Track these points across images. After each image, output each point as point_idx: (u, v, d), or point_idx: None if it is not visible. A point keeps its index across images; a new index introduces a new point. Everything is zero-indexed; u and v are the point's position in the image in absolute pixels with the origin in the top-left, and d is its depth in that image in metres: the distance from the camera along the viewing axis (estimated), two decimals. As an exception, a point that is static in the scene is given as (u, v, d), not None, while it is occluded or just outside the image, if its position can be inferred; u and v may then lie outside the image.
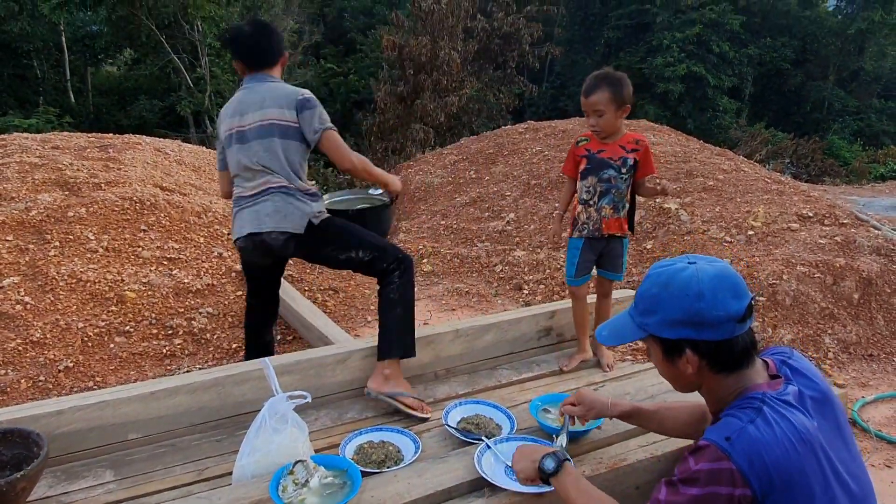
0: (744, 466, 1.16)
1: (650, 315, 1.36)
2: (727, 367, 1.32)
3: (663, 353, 1.38)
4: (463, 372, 2.69)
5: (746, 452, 1.16)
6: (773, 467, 1.15)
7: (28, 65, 22.56)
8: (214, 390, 2.23)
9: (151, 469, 2.03)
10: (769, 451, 1.16)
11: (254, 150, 2.50)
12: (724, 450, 1.18)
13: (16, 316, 3.38)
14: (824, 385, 1.33)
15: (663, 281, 1.34)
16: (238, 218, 2.56)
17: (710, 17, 25.43)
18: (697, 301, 1.28)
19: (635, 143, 2.62)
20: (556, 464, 1.54)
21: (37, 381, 3.05)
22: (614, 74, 2.54)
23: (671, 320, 1.32)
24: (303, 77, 23.24)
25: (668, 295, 1.32)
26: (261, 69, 2.59)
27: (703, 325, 1.28)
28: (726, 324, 1.28)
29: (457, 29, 14.54)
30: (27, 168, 4.77)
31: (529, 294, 4.65)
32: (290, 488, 1.66)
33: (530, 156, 7.29)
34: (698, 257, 1.37)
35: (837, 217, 4.96)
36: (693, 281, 1.29)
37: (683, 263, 1.35)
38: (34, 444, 1.86)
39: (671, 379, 1.43)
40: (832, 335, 3.79)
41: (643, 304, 1.38)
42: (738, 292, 1.29)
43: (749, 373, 1.32)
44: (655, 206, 5.45)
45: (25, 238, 3.97)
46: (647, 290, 1.38)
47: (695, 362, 1.32)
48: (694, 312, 1.28)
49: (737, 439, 1.18)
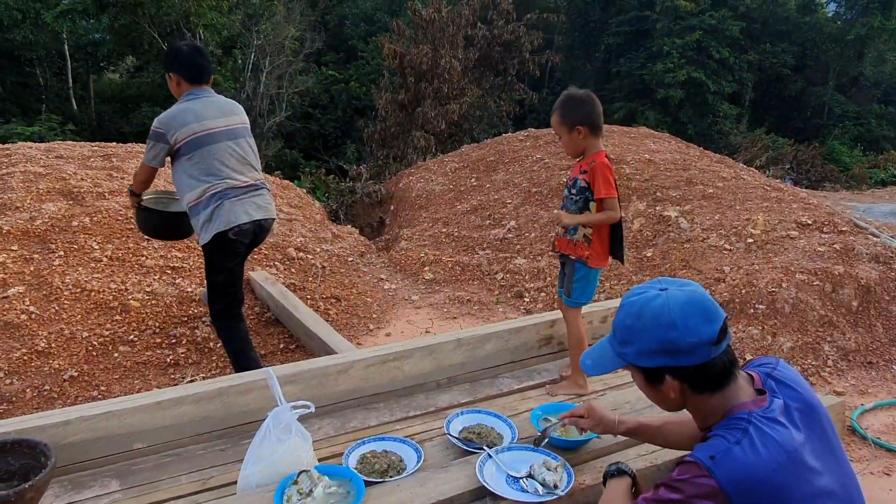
0: (726, 485, 1.19)
1: (627, 345, 1.40)
2: (709, 387, 1.35)
3: (644, 380, 1.42)
4: (464, 381, 2.71)
5: (730, 473, 1.20)
6: (756, 488, 1.19)
7: (31, 73, 22.65)
8: (219, 400, 2.26)
9: (157, 478, 2.05)
10: (753, 473, 1.19)
11: (243, 147, 3.00)
12: (707, 468, 1.22)
13: (21, 325, 3.41)
14: (810, 395, 1.36)
15: (635, 311, 1.37)
16: (237, 206, 2.91)
17: (709, 24, 25.52)
18: (670, 330, 1.31)
19: (590, 164, 2.52)
20: (616, 470, 1.65)
21: (42, 391, 3.08)
22: (569, 96, 2.54)
23: (647, 350, 1.35)
24: (304, 84, 23.32)
25: (642, 326, 1.35)
26: (206, 83, 3.07)
27: (678, 352, 1.31)
28: (701, 348, 1.30)
29: (457, 37, 14.60)
30: (31, 177, 4.81)
31: (531, 302, 4.67)
32: (295, 498, 1.68)
33: (531, 163, 7.33)
34: (669, 282, 1.39)
35: (836, 225, 4.98)
36: (664, 310, 1.32)
37: (655, 291, 1.37)
38: (41, 455, 1.89)
39: (656, 402, 1.46)
40: (831, 343, 3.81)
41: (619, 335, 1.42)
42: (709, 316, 1.31)
43: (732, 390, 1.35)
44: (655, 214, 5.48)
45: (30, 248, 4.00)
46: (622, 320, 1.41)
47: (675, 387, 1.36)
48: (667, 342, 1.31)
49: (721, 459, 1.22)
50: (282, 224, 5.69)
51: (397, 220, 7.34)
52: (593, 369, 1.51)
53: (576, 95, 2.55)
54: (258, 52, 21.41)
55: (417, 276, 5.27)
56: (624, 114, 25.11)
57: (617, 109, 25.77)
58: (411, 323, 4.40)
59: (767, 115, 28.32)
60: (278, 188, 6.68)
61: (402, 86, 14.47)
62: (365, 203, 8.48)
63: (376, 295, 4.77)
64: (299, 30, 23.46)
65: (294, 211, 6.36)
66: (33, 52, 20.92)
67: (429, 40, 14.21)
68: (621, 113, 25.20)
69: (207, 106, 2.97)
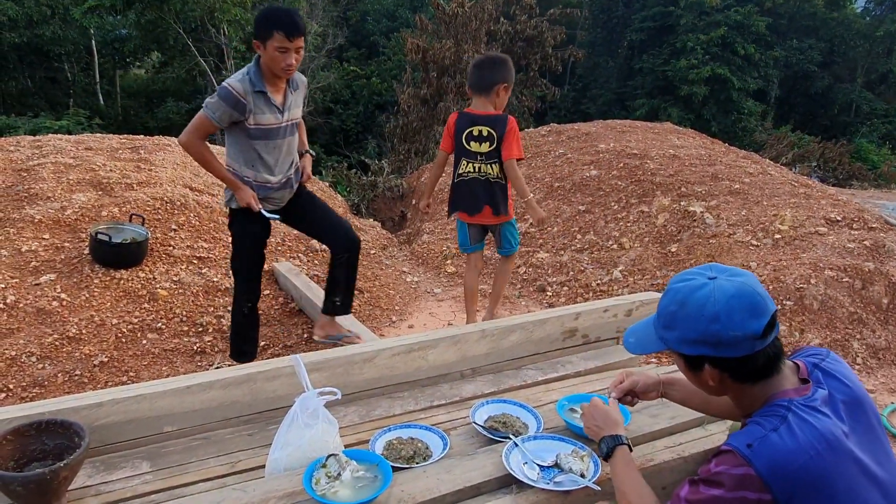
0: (764, 473, 1.17)
1: (669, 331, 1.37)
2: (751, 378, 1.32)
3: (685, 365, 1.40)
4: (488, 372, 2.71)
5: (767, 460, 1.17)
6: (795, 475, 1.16)
7: (59, 68, 23.07)
8: (247, 386, 2.28)
9: (186, 461, 2.08)
10: (791, 460, 1.17)
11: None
12: (745, 456, 1.19)
13: (52, 312, 3.48)
14: (857, 388, 1.32)
15: (680, 299, 1.34)
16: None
17: (735, 19, 25.15)
18: (713, 323, 1.27)
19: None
20: (607, 448, 1.61)
21: (73, 376, 3.14)
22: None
23: (688, 339, 1.33)
24: (325, 80, 23.44)
25: (685, 315, 1.32)
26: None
27: (720, 344, 1.28)
28: (744, 342, 1.27)
29: (480, 32, 14.57)
30: (62, 168, 4.89)
31: (553, 296, 4.66)
32: (323, 481, 1.70)
33: (553, 158, 7.29)
34: (721, 270, 1.35)
35: (866, 221, 4.89)
36: (709, 302, 1.28)
37: (703, 279, 1.33)
38: (76, 435, 1.92)
39: (696, 386, 1.44)
40: (860, 340, 3.75)
41: (663, 320, 1.40)
42: (756, 311, 1.26)
43: (776, 380, 1.32)
44: (680, 210, 5.43)
45: (61, 236, 4.08)
46: (666, 306, 1.38)
47: (715, 376, 1.33)
48: (710, 334, 1.28)
49: (758, 446, 1.19)
50: (305, 216, 5.72)
51: (419, 214, 7.35)
52: (636, 348, 1.50)
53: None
54: (281, 47, 21.49)
55: (440, 270, 5.28)
56: (646, 111, 24.83)
57: (639, 106, 25.51)
58: (434, 315, 4.41)
59: (793, 113, 27.88)
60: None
61: (425, 80, 14.49)
62: (386, 197, 8.51)
63: (399, 287, 4.79)
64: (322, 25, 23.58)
65: (317, 204, 6.40)
66: (61, 47, 21.30)
67: (451, 35, 14.21)
68: (644, 110, 24.92)
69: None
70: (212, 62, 22.29)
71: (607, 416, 1.69)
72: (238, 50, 21.98)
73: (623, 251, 5.12)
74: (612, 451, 1.60)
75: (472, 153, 3.39)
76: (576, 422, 2.07)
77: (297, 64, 2.74)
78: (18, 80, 22.04)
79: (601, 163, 6.60)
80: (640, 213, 5.59)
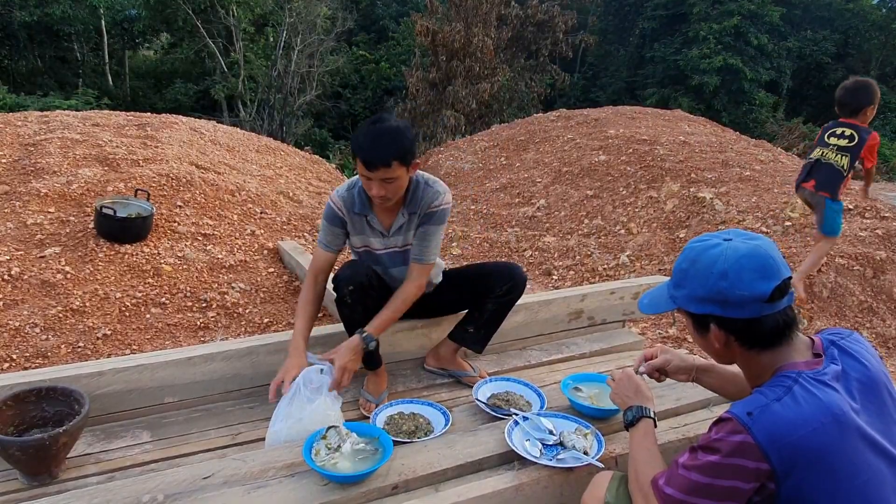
0: (762, 442, 1.15)
1: (679, 289, 1.37)
2: (758, 343, 1.30)
3: (693, 326, 1.39)
4: (492, 351, 2.69)
5: (767, 429, 1.15)
6: (794, 446, 1.14)
7: (69, 48, 23.04)
8: (248, 359, 2.27)
9: (187, 432, 2.08)
10: (791, 430, 1.14)
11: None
12: (744, 424, 1.17)
13: (57, 284, 3.47)
14: (877, 370, 1.28)
15: (692, 257, 1.34)
16: None
17: (748, 9, 24.80)
18: (720, 280, 1.27)
19: None
20: (633, 417, 1.60)
21: (76, 347, 3.13)
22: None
23: (696, 296, 1.32)
24: (334, 64, 23.34)
25: (695, 271, 1.32)
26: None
27: (726, 303, 1.27)
28: (751, 304, 1.26)
29: (490, 15, 14.47)
30: (69, 144, 4.87)
31: (559, 280, 4.62)
32: (323, 452, 1.68)
33: (562, 143, 7.23)
34: (738, 234, 1.34)
35: (879, 210, 4.83)
36: (720, 259, 1.28)
37: (718, 240, 1.34)
38: (75, 402, 1.92)
39: (705, 350, 1.43)
40: (871, 329, 3.70)
41: (675, 278, 1.40)
42: (766, 273, 1.26)
43: (785, 351, 1.30)
44: (689, 196, 5.37)
45: (66, 210, 4.06)
46: (679, 264, 1.39)
47: (721, 338, 1.32)
48: (716, 291, 1.28)
49: (759, 415, 1.17)
50: (311, 197, 5.70)
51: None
52: (648, 308, 1.49)
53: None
54: (290, 30, 21.46)
55: (445, 252, 5.25)
56: (656, 100, 24.57)
57: (649, 96, 25.26)
58: (438, 297, 4.38)
59: (805, 105, 27.57)
60: (309, 162, 6.70)
61: (434, 64, 14.41)
62: (393, 180, 8.47)
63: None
64: (331, 8, 23.44)
65: (323, 185, 6.38)
66: (71, 26, 21.25)
67: (462, 18, 14.11)
68: (653, 99, 24.67)
69: None
70: (220, 44, 22.23)
71: (639, 388, 1.68)
72: (247, 32, 21.90)
73: (631, 236, 5.08)
74: (636, 421, 1.59)
75: None
76: (580, 401, 2.05)
77: (391, 195, 2.11)
78: (28, 60, 22.03)
79: (610, 148, 6.54)
80: (648, 199, 5.54)
